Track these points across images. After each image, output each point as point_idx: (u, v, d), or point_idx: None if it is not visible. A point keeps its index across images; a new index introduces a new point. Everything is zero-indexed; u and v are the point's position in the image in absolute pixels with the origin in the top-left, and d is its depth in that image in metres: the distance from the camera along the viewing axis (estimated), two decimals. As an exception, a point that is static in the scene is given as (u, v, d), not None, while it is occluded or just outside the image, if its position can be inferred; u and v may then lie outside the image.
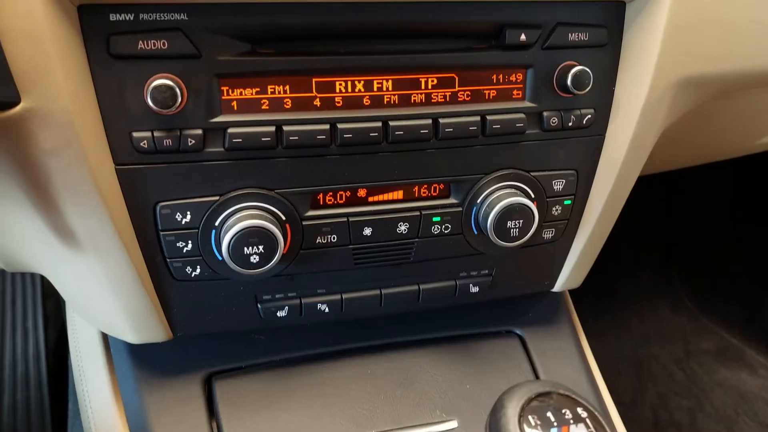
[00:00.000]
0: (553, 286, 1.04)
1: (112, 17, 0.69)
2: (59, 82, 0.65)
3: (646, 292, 2.23)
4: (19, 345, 1.64)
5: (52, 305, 1.72)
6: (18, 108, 0.65)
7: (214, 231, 0.79)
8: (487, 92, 0.84)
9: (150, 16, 0.70)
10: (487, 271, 0.96)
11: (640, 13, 0.83)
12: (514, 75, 0.84)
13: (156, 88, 0.69)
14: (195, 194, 0.77)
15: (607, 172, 0.92)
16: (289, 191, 0.81)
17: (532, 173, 0.89)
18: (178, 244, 0.79)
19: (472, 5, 0.79)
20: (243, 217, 0.77)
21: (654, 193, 2.21)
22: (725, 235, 2.21)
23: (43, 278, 1.73)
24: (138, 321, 0.85)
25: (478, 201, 0.87)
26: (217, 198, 0.78)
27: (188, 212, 0.78)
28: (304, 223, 0.82)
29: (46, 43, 0.63)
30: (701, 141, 1.28)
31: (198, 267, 0.81)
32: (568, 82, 0.82)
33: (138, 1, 0.69)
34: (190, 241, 0.79)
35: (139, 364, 0.94)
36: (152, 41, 0.70)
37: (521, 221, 0.86)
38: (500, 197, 0.85)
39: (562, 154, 0.89)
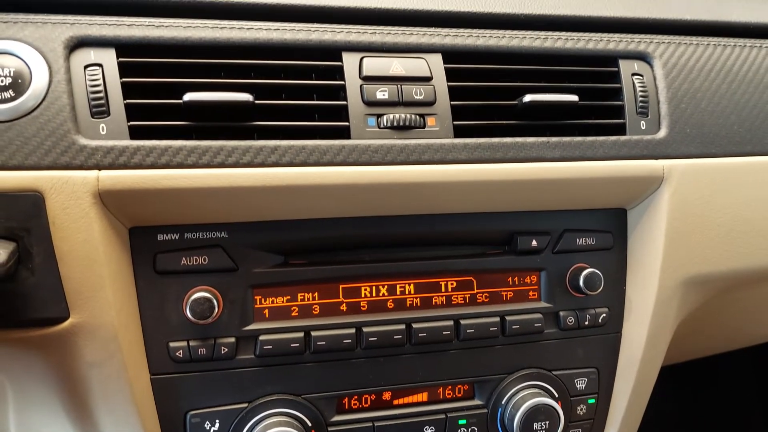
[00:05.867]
0: (585, 491, 1.00)
1: (160, 237, 0.76)
2: (108, 299, 0.70)
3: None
4: None
5: None
6: (66, 323, 0.69)
7: None
8: (504, 294, 0.88)
9: (194, 235, 0.77)
10: (515, 477, 0.93)
11: (641, 220, 0.90)
12: (528, 277, 0.89)
13: (195, 300, 0.74)
14: (224, 402, 0.79)
15: (628, 368, 0.93)
16: (316, 396, 0.82)
17: (554, 372, 0.90)
18: None
19: (484, 216, 0.86)
20: (270, 425, 0.77)
21: (678, 382, 2.17)
22: (755, 420, 2.13)
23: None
24: None
25: (503, 402, 0.87)
26: (245, 405, 0.79)
27: (217, 420, 0.78)
28: (329, 429, 0.82)
29: (99, 265, 0.69)
30: (715, 332, 1.30)
31: None
32: (581, 283, 0.87)
33: (183, 221, 0.76)
34: None
35: None
36: (194, 257, 0.76)
37: (547, 422, 0.85)
38: (525, 398, 0.86)
39: (581, 352, 0.91)
